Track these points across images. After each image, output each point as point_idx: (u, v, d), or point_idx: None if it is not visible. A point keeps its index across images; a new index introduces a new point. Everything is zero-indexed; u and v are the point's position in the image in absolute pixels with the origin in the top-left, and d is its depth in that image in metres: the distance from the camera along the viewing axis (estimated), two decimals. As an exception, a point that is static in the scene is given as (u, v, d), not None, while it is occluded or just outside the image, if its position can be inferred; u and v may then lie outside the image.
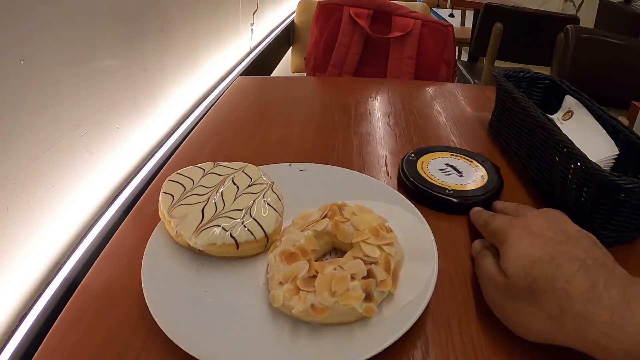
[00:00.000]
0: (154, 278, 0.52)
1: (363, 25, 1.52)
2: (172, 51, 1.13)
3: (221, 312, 0.50)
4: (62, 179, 0.75)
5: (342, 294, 0.46)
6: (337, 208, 0.58)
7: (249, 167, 0.67)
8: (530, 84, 1.03)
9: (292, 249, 0.52)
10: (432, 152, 0.84)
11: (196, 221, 0.56)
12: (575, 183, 0.67)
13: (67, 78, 0.75)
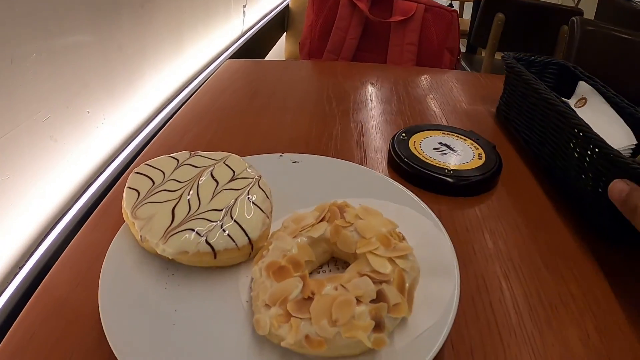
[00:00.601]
0: (113, 293, 0.42)
1: (362, 8, 1.43)
2: (153, 30, 1.04)
3: (194, 339, 0.39)
4: (20, 169, 0.65)
5: (345, 323, 0.36)
6: (338, 209, 0.47)
7: (232, 158, 0.56)
8: (542, 69, 0.96)
9: (282, 261, 0.41)
10: (422, 130, 0.77)
11: (165, 223, 0.46)
12: (592, 171, 0.59)
13: (26, 55, 0.65)
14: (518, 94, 0.84)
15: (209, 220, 0.46)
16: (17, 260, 0.66)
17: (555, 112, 0.68)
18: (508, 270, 0.52)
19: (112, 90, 0.88)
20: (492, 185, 0.68)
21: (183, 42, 1.21)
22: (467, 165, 0.67)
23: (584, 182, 0.61)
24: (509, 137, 0.85)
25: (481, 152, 0.72)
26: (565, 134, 0.66)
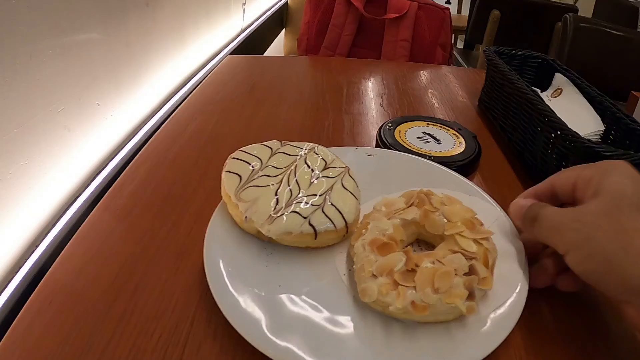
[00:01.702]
0: (220, 270, 0.47)
1: (357, 5, 1.48)
2: (157, 28, 1.09)
3: (301, 309, 0.44)
4: (37, 156, 0.71)
5: (445, 291, 0.41)
6: (425, 196, 0.52)
7: (319, 148, 0.61)
8: (523, 62, 1.02)
9: (384, 238, 0.46)
10: (408, 121, 0.83)
11: (269, 206, 0.50)
12: (555, 152, 0.66)
13: (42, 50, 0.71)
14: (496, 85, 0.90)
15: (311, 204, 0.51)
16: (34, 238, 0.72)
17: (526, 100, 0.75)
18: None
19: (119, 84, 0.94)
20: (471, 171, 0.73)
21: (186, 38, 1.26)
22: (448, 152, 0.73)
23: (549, 162, 0.68)
24: (488, 125, 0.92)
25: (462, 140, 0.77)
26: (534, 120, 0.73)
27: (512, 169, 0.76)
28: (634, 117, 1.23)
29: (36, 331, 0.44)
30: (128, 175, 0.69)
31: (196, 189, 0.66)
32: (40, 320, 0.45)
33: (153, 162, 0.73)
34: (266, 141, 0.62)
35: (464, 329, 0.43)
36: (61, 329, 0.44)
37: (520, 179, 0.73)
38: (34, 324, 0.45)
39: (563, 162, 0.65)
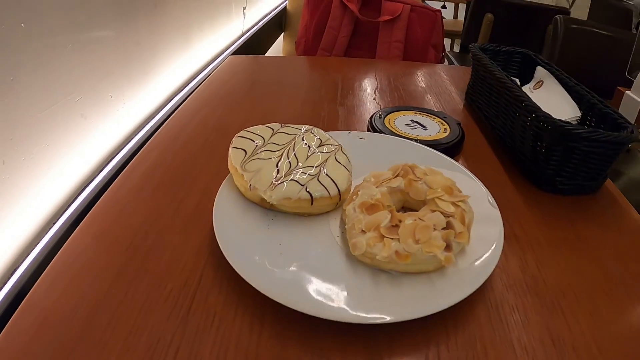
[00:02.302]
0: (228, 232, 0.54)
1: (353, 8, 1.55)
2: (164, 28, 1.16)
3: (299, 262, 0.51)
4: (57, 139, 0.78)
5: (425, 241, 0.48)
6: (409, 168, 0.59)
7: (316, 129, 0.68)
8: (507, 57, 1.10)
9: (372, 201, 0.53)
10: (397, 111, 0.90)
11: (271, 175, 0.58)
12: (531, 134, 0.73)
13: (63, 44, 0.78)
14: (480, 77, 0.97)
15: (307, 174, 0.58)
16: (57, 211, 0.78)
17: (505, 88, 0.81)
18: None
19: (130, 78, 1.00)
20: (455, 153, 0.80)
21: (191, 39, 1.32)
22: (434, 136, 0.80)
23: (526, 143, 0.75)
24: (473, 115, 0.98)
25: (447, 127, 0.84)
26: (512, 106, 0.79)
27: (494, 152, 0.83)
28: (618, 110, 1.31)
29: (61, 284, 0.51)
30: (140, 159, 0.76)
31: (202, 170, 0.72)
32: (65, 276, 0.52)
33: (163, 148, 0.79)
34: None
35: (444, 278, 0.50)
36: (82, 283, 0.51)
37: (501, 160, 0.80)
38: (58, 280, 0.52)
39: (538, 142, 0.72)
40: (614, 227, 0.67)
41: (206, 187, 0.67)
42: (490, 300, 0.51)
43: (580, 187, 0.72)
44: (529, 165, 0.75)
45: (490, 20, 2.97)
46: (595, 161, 0.70)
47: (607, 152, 0.70)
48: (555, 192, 0.72)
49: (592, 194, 0.73)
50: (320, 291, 0.47)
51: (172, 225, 0.60)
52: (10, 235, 0.69)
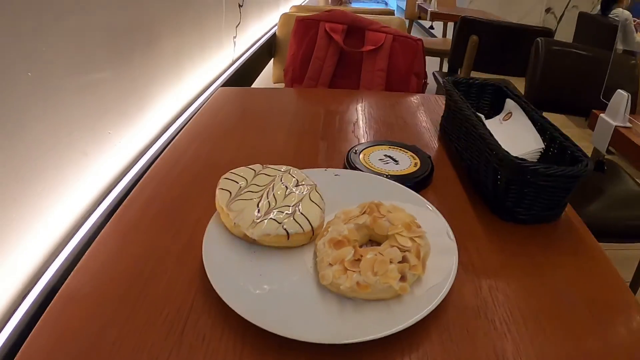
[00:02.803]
0: (215, 263, 0.62)
1: (337, 39, 1.64)
2: (158, 63, 1.24)
3: (276, 291, 0.59)
4: (60, 176, 0.85)
5: (382, 274, 0.56)
6: (375, 206, 0.67)
7: (293, 170, 0.76)
8: (480, 90, 1.18)
9: (340, 237, 0.62)
10: (373, 146, 0.98)
11: (253, 215, 0.66)
12: (492, 168, 0.81)
13: (67, 87, 0.86)
14: (452, 111, 1.05)
15: (284, 213, 0.67)
16: (58, 245, 0.86)
17: (472, 125, 0.89)
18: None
19: (126, 114, 1.08)
20: (424, 186, 0.87)
21: (182, 72, 1.40)
22: (404, 171, 0.88)
23: (488, 177, 0.82)
24: (445, 146, 1.06)
25: (417, 161, 0.92)
26: (477, 142, 0.87)
27: (461, 184, 0.91)
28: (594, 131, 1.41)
29: (72, 307, 0.59)
30: (138, 192, 0.83)
31: (195, 204, 0.80)
32: (75, 299, 0.60)
33: (158, 181, 0.87)
34: (251, 164, 0.77)
35: (401, 304, 0.57)
36: (91, 305, 0.59)
37: (467, 191, 0.88)
38: (70, 302, 0.59)
39: (498, 176, 0.80)
40: (570, 253, 0.74)
41: (198, 219, 0.75)
42: (443, 323, 0.58)
43: (538, 217, 0.80)
44: (491, 197, 0.82)
45: (475, 42, 3.07)
46: (551, 193, 0.77)
47: (563, 185, 0.78)
48: (515, 222, 0.80)
49: (551, 223, 0.81)
50: (293, 315, 0.55)
51: (167, 255, 0.68)
52: (22, 262, 0.77)
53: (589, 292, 0.66)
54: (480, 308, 0.61)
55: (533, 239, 0.76)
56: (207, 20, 1.63)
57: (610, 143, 1.53)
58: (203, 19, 1.58)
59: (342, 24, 1.67)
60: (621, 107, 1.51)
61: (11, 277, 0.75)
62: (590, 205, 1.84)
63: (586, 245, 0.77)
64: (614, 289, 0.67)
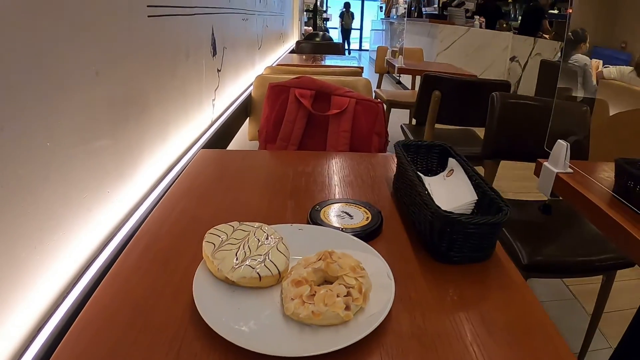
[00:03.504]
0: (203, 299, 0.79)
1: (306, 104, 1.83)
2: (148, 129, 1.42)
3: (252, 320, 0.76)
4: (70, 228, 1.01)
5: (331, 305, 0.74)
6: (328, 254, 0.85)
7: (264, 226, 0.95)
8: (428, 150, 1.39)
9: (299, 278, 0.80)
10: (332, 203, 1.16)
11: (232, 262, 0.84)
12: (428, 220, 0.99)
13: (77, 155, 1.03)
14: (401, 171, 1.23)
15: (257, 261, 0.85)
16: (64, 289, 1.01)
17: (413, 184, 1.08)
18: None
19: (123, 176, 1.24)
20: (374, 236, 1.05)
21: (169, 134, 1.57)
22: (357, 224, 1.06)
23: (426, 227, 1.01)
24: (396, 202, 1.24)
25: (369, 215, 1.10)
26: (417, 198, 1.05)
27: (406, 233, 1.09)
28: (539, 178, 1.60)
29: (86, 334, 0.75)
30: (134, 244, 1.00)
31: (184, 253, 0.97)
32: (89, 329, 0.76)
33: (152, 234, 1.04)
34: (230, 222, 0.96)
35: (347, 328, 0.75)
36: (103, 332, 0.75)
37: (410, 239, 1.06)
38: (83, 333, 0.75)
39: (433, 226, 0.97)
40: (497, 287, 0.92)
41: (188, 266, 0.91)
42: (382, 344, 0.75)
43: (469, 258, 0.98)
44: (429, 244, 1.00)
45: (438, 97, 3.26)
46: (478, 238, 0.96)
47: (487, 231, 0.97)
48: (450, 263, 0.98)
49: (482, 262, 0.99)
50: (265, 337, 0.73)
51: (164, 293, 0.85)
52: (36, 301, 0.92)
53: (511, 318, 0.83)
54: (414, 333, 0.78)
55: (464, 276, 0.94)
56: (190, 87, 1.81)
57: (553, 188, 1.67)
58: (187, 86, 1.77)
59: (311, 89, 1.88)
60: (561, 155, 1.65)
61: (32, 307, 0.91)
62: (549, 246, 2.05)
63: (512, 279, 0.94)
64: (534, 316, 0.84)
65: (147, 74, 1.41)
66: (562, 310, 2.70)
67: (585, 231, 2.17)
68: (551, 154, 1.71)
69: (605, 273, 2.10)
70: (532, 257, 1.90)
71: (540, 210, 2.27)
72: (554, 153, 1.70)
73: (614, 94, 3.64)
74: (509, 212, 0.96)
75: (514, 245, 1.95)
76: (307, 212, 1.14)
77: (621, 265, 1.98)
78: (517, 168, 2.27)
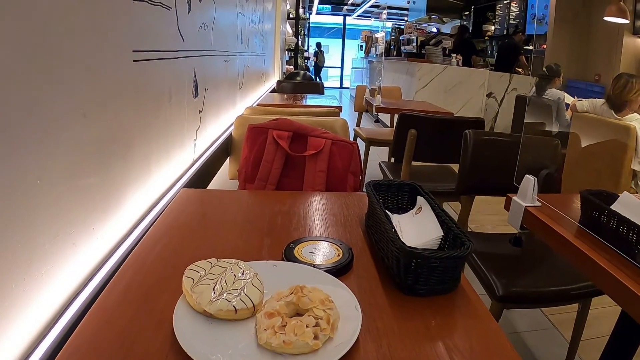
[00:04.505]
0: (183, 330, 0.84)
1: (284, 145, 1.90)
2: (132, 167, 1.48)
3: (228, 349, 0.82)
4: (56, 263, 1.07)
5: (300, 335, 0.80)
6: (300, 288, 0.91)
7: (241, 262, 1.02)
8: (398, 189, 1.47)
9: (272, 311, 0.86)
10: (305, 241, 1.23)
11: (210, 296, 0.90)
12: (394, 255, 1.07)
13: (65, 192, 1.10)
14: (371, 210, 1.31)
15: (233, 295, 0.91)
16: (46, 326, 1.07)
17: (382, 222, 1.15)
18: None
19: (107, 212, 1.30)
20: (345, 271, 1.12)
21: (151, 173, 1.62)
22: (329, 261, 1.13)
23: (393, 262, 1.08)
24: (367, 239, 1.31)
25: (340, 252, 1.17)
26: (385, 235, 1.12)
27: (376, 268, 1.16)
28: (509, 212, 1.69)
29: None
30: (118, 278, 1.06)
31: (166, 287, 1.03)
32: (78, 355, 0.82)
33: (135, 268, 1.10)
34: (209, 258, 1.03)
35: (316, 356, 0.82)
36: None
37: (379, 274, 1.13)
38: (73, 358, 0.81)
39: (400, 262, 1.05)
40: (461, 316, 1.00)
41: (168, 299, 0.97)
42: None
43: (434, 290, 1.05)
44: (396, 277, 1.07)
45: (414, 135, 3.34)
46: (442, 271, 1.04)
47: (450, 264, 1.05)
48: (415, 295, 1.05)
49: (447, 294, 1.06)
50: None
51: (147, 324, 0.90)
52: (24, 331, 0.98)
53: (475, 346, 0.90)
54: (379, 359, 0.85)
55: (430, 307, 1.01)
56: (172, 127, 1.88)
57: (522, 221, 1.75)
58: (169, 126, 1.84)
59: (288, 131, 1.95)
60: (529, 189, 1.74)
61: (20, 337, 0.96)
62: (524, 277, 2.14)
63: (476, 310, 1.01)
64: (498, 344, 0.91)
65: (132, 115, 1.48)
66: (541, 339, 2.77)
67: (558, 261, 2.26)
68: (519, 188, 1.80)
69: (580, 301, 2.19)
70: (507, 288, 1.97)
71: (510, 243, 2.34)
72: (522, 187, 1.78)
73: (587, 126, 3.79)
74: (471, 246, 1.04)
75: (489, 278, 2.03)
76: (282, 249, 1.21)
77: (595, 292, 2.07)
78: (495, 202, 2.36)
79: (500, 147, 2.68)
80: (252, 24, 4.40)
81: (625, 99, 3.41)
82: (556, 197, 1.89)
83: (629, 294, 1.18)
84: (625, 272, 1.24)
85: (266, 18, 5.89)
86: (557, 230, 1.52)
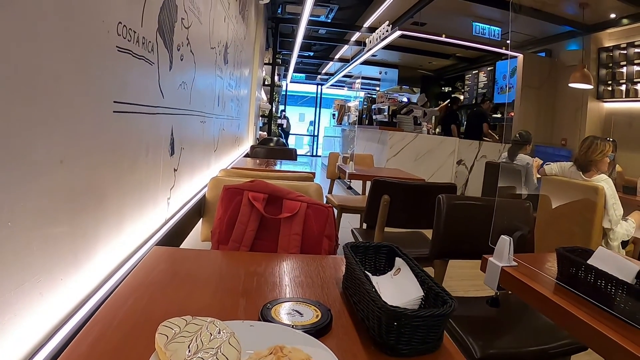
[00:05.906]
0: None
1: (259, 207, 1.89)
2: (104, 220, 1.45)
3: None
4: (20, 312, 1.03)
5: None
6: (279, 348, 0.89)
7: (217, 321, 0.97)
8: (376, 250, 1.48)
9: None
10: (282, 302, 1.20)
11: (184, 354, 0.86)
12: (376, 316, 1.05)
13: (35, 238, 1.07)
14: (349, 271, 1.29)
15: (208, 353, 0.86)
16: None
17: (361, 282, 1.14)
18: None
19: (76, 264, 1.26)
20: (324, 332, 1.09)
21: (124, 228, 1.60)
22: (307, 322, 1.10)
23: (374, 323, 1.06)
24: (345, 300, 1.29)
25: (319, 313, 1.14)
26: (365, 295, 1.11)
27: (355, 329, 1.13)
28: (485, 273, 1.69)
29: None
30: (86, 333, 1.02)
31: (135, 344, 0.99)
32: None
33: (104, 324, 1.06)
34: (183, 316, 0.99)
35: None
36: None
37: (360, 335, 1.11)
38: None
39: (381, 322, 1.03)
40: None
41: (139, 356, 0.93)
42: None
43: (417, 350, 1.03)
44: (378, 338, 1.05)
45: (387, 201, 3.36)
46: (424, 330, 1.03)
47: (433, 323, 1.03)
48: (398, 356, 1.02)
49: (429, 354, 1.04)
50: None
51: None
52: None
53: None
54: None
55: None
56: (147, 183, 1.86)
57: (500, 282, 1.76)
58: (144, 182, 1.82)
59: (263, 193, 1.95)
60: (505, 250, 1.76)
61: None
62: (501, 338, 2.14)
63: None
64: None
65: (108, 166, 1.46)
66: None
67: (535, 320, 2.26)
68: (495, 249, 1.82)
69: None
70: (484, 350, 1.95)
71: (488, 304, 2.34)
72: (498, 248, 1.81)
73: (556, 189, 3.94)
74: (453, 304, 1.04)
75: (466, 341, 2.01)
76: (258, 310, 1.18)
77: (575, 350, 2.06)
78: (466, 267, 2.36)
79: (473, 211, 2.74)
80: (229, 87, 4.46)
81: (591, 159, 3.57)
82: (531, 257, 1.94)
83: (613, 345, 1.18)
84: (607, 325, 1.26)
85: (243, 83, 5.98)
86: (536, 288, 1.53)
